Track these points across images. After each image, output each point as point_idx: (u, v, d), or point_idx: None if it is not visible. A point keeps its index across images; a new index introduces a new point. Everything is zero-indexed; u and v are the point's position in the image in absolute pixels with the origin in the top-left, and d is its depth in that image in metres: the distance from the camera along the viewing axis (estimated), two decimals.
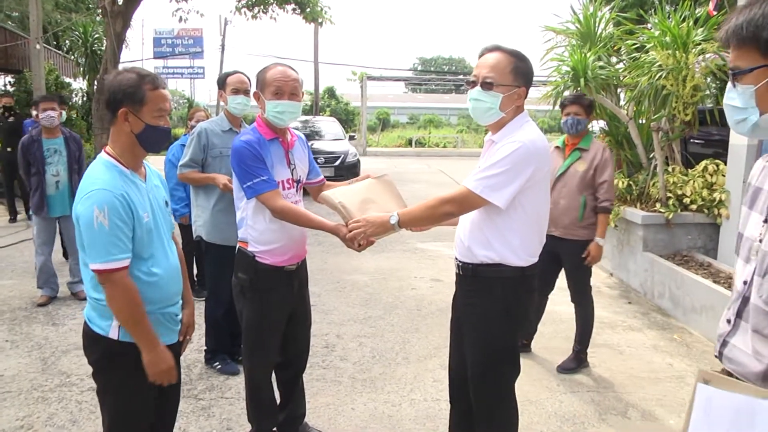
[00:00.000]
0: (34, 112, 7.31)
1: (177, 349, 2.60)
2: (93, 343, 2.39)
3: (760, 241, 1.56)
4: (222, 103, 4.45)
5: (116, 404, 2.42)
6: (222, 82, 4.45)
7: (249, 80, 4.40)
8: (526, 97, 2.66)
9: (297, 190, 3.20)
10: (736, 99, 1.56)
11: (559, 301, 5.18)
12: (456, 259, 2.83)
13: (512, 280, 2.66)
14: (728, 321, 1.67)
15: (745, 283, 1.61)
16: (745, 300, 1.60)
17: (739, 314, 1.63)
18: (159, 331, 2.42)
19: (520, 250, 2.63)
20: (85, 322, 2.41)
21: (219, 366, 4.45)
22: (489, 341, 2.72)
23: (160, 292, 2.41)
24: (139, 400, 2.41)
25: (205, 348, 4.57)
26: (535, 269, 2.73)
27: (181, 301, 2.60)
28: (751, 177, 1.72)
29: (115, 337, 2.33)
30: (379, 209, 2.88)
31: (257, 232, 3.07)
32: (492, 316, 2.69)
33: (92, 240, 2.21)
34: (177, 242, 2.71)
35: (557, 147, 4.68)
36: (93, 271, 2.24)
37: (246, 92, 4.37)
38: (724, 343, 1.68)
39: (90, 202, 2.20)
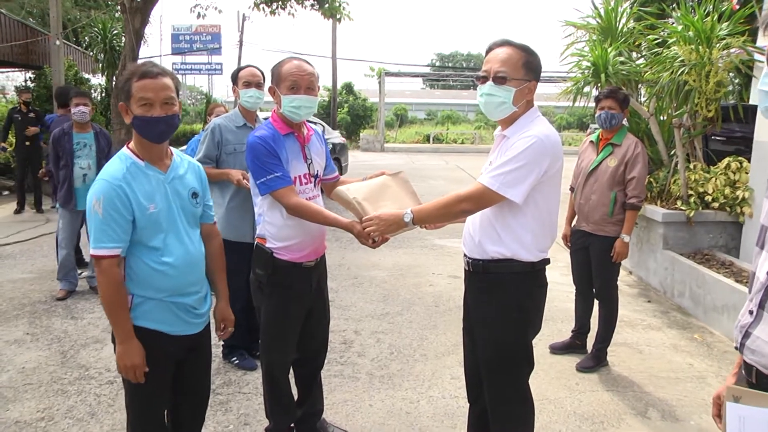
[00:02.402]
0: (60, 108, 7.39)
1: (192, 341, 2.60)
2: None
3: None
4: (238, 99, 4.44)
5: (126, 383, 2.50)
6: (234, 77, 4.43)
7: (261, 73, 4.39)
8: (535, 91, 2.64)
9: (315, 185, 3.17)
10: None
11: None
12: (465, 255, 2.80)
13: (523, 276, 2.64)
14: (750, 312, 1.65)
15: None
16: None
17: (762, 305, 1.61)
18: (169, 319, 2.47)
19: (532, 246, 2.61)
20: None
21: (236, 361, 4.45)
22: (501, 338, 2.69)
23: (170, 281, 2.44)
24: (151, 381, 2.44)
25: (222, 343, 4.58)
26: (545, 264, 2.71)
27: (201, 294, 2.62)
28: None
29: None
30: (393, 206, 2.86)
31: (275, 228, 3.04)
32: (503, 312, 2.67)
33: (90, 226, 2.35)
34: (216, 235, 2.80)
35: (591, 142, 4.64)
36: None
37: (258, 85, 4.33)
38: (746, 335, 1.65)
39: (92, 192, 2.34)
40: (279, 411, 3.30)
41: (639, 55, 7.61)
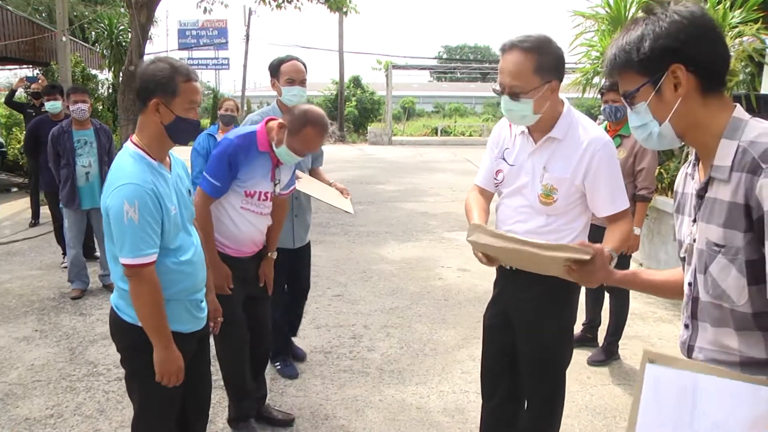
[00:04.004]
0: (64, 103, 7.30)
1: (199, 336, 2.58)
2: (121, 330, 2.39)
3: (694, 240, 1.59)
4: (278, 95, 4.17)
5: (146, 389, 2.42)
6: (275, 69, 3.93)
7: (305, 68, 3.98)
8: (559, 88, 2.49)
9: (270, 201, 3.28)
10: (636, 120, 1.63)
11: None
12: None
13: None
14: (686, 326, 1.66)
15: (690, 284, 1.62)
16: (695, 300, 1.61)
17: (694, 315, 1.63)
18: (185, 318, 2.43)
19: (582, 234, 2.60)
20: (113, 310, 2.41)
21: (279, 366, 4.30)
22: (552, 328, 2.67)
23: (189, 279, 2.41)
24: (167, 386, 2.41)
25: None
26: None
27: (205, 288, 2.60)
28: (676, 186, 1.75)
29: None
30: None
31: (222, 226, 3.16)
32: (552, 300, 2.63)
33: (122, 234, 2.18)
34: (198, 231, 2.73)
35: None
36: (122, 264, 2.21)
37: (302, 82, 3.92)
38: (690, 349, 1.65)
39: (120, 196, 2.17)
40: (237, 395, 3.39)
41: None
